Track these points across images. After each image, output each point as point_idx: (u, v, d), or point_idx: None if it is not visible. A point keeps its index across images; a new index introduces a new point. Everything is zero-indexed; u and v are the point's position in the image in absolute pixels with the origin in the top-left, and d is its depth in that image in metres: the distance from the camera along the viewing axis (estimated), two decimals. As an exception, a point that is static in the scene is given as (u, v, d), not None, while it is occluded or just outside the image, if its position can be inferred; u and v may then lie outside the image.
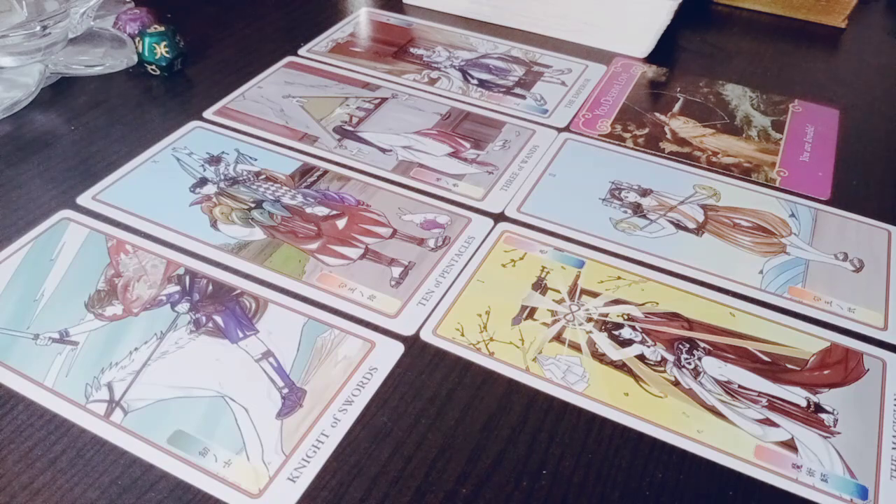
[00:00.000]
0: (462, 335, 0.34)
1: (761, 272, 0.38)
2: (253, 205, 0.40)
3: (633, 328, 0.35)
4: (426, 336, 0.34)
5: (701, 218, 0.41)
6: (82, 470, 0.28)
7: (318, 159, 0.44)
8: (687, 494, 0.28)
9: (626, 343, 0.34)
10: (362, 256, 0.38)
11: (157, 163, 0.43)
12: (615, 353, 0.34)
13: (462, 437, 0.30)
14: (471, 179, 0.43)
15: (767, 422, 0.31)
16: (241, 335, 0.34)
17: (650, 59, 0.55)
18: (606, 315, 0.35)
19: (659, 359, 0.34)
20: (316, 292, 0.36)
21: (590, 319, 0.35)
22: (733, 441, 0.30)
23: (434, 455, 0.29)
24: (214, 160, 0.44)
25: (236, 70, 0.52)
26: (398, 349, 0.33)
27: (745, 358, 0.34)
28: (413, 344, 0.34)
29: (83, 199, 0.41)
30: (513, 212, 0.41)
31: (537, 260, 0.38)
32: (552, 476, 0.29)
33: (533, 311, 0.35)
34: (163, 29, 0.49)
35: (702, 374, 0.33)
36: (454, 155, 0.45)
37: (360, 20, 0.59)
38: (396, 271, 0.37)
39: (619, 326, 0.35)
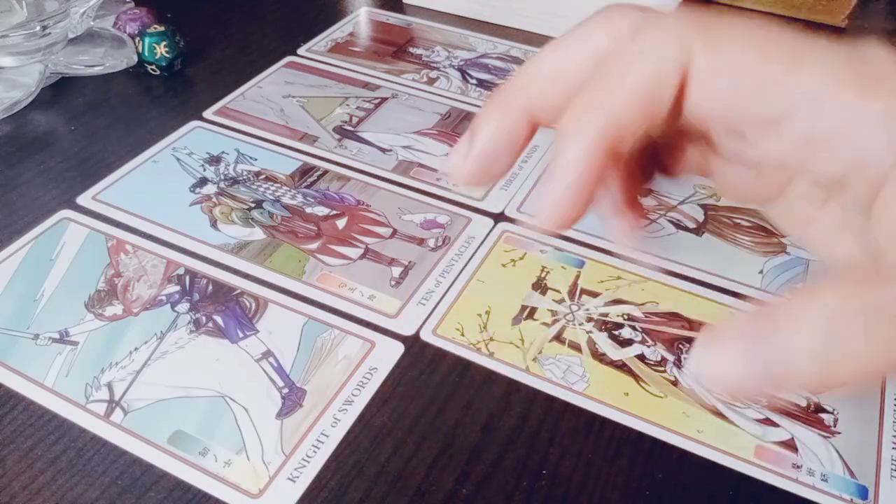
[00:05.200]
0: (462, 335, 0.34)
1: (761, 272, 0.38)
2: (253, 205, 0.40)
3: (634, 328, 0.35)
4: (426, 336, 0.34)
5: (701, 217, 0.41)
6: (82, 470, 0.28)
7: (318, 159, 0.44)
8: (687, 494, 0.28)
9: (626, 343, 0.34)
10: (362, 256, 0.38)
11: (157, 163, 0.43)
12: (615, 352, 0.34)
13: (462, 437, 0.30)
14: (471, 179, 0.43)
15: (767, 422, 0.31)
16: (241, 335, 0.34)
17: (650, 58, 0.55)
18: (606, 315, 0.35)
19: (659, 358, 0.34)
20: (316, 292, 0.36)
21: (590, 319, 0.35)
22: (733, 441, 0.30)
23: (434, 455, 0.29)
24: (214, 160, 0.44)
25: (236, 70, 0.52)
26: (398, 349, 0.33)
27: (745, 358, 0.34)
28: (413, 344, 0.34)
29: (83, 199, 0.41)
30: (513, 211, 0.41)
31: (537, 260, 0.38)
32: (552, 476, 0.29)
33: (533, 310, 0.35)
34: (163, 29, 0.49)
35: (702, 374, 0.33)
36: (454, 155, 0.45)
37: (360, 20, 0.59)
38: (396, 271, 0.37)
39: (620, 326, 0.35)
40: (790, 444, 0.30)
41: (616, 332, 0.35)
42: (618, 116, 0.19)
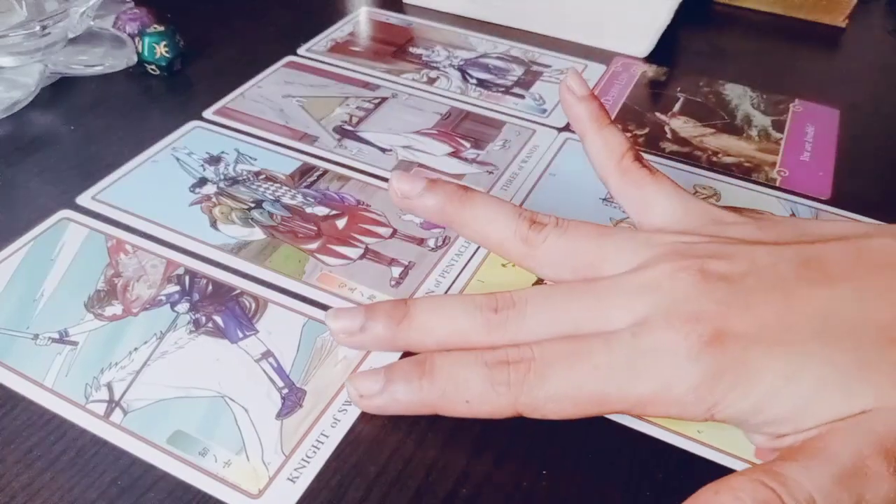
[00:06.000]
0: (462, 335, 0.34)
1: (761, 272, 0.38)
2: (253, 204, 0.40)
3: (634, 328, 0.35)
4: (426, 336, 0.34)
5: (701, 218, 0.41)
6: (82, 470, 0.28)
7: (317, 159, 0.44)
8: (687, 495, 0.28)
9: (626, 343, 0.34)
10: (362, 256, 0.38)
11: (157, 163, 0.43)
12: (615, 353, 0.34)
13: (462, 437, 0.30)
14: (471, 179, 0.43)
15: (768, 422, 0.31)
16: (240, 335, 0.34)
17: (650, 58, 0.55)
18: (606, 315, 0.35)
19: (659, 359, 0.33)
20: (316, 292, 0.36)
21: (590, 319, 0.35)
22: (734, 441, 0.30)
23: (434, 455, 0.29)
24: (214, 160, 0.43)
25: (236, 70, 0.52)
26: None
27: (745, 358, 0.34)
28: (413, 344, 0.34)
29: (83, 199, 0.41)
30: (513, 211, 0.41)
31: (537, 260, 0.38)
32: (552, 476, 0.29)
33: (533, 310, 0.35)
34: (162, 29, 0.49)
35: (702, 374, 0.33)
36: (454, 154, 0.45)
37: (360, 20, 0.59)
38: (396, 271, 0.37)
39: (620, 326, 0.35)
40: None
41: (616, 333, 0.34)
42: None
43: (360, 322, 0.31)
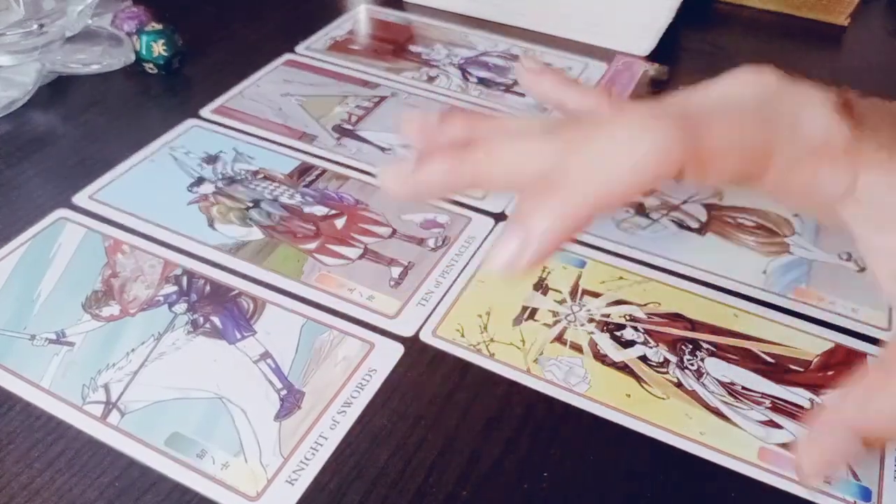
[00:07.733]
0: (462, 336, 0.34)
1: (765, 272, 0.38)
2: (251, 204, 0.40)
3: (636, 329, 0.35)
4: (426, 337, 0.34)
5: (704, 217, 0.41)
6: (80, 471, 0.28)
7: (316, 158, 0.44)
8: (689, 496, 0.28)
9: (628, 344, 0.34)
10: (361, 256, 0.37)
11: (155, 162, 0.43)
12: (617, 354, 0.33)
13: (462, 438, 0.30)
14: (471, 178, 0.43)
15: (771, 423, 0.31)
16: (238, 336, 0.33)
17: (652, 57, 0.55)
18: (608, 315, 0.35)
19: (661, 360, 0.33)
20: (314, 293, 0.35)
21: (591, 320, 0.35)
22: (736, 443, 0.30)
23: (434, 457, 0.29)
24: (212, 159, 0.43)
25: (234, 68, 0.51)
26: (398, 350, 0.33)
27: (748, 359, 0.33)
28: (413, 345, 0.33)
29: (80, 199, 0.40)
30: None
31: (538, 260, 0.38)
32: (553, 478, 0.29)
33: (534, 311, 0.35)
34: (160, 27, 0.49)
35: (704, 376, 0.33)
36: (454, 154, 0.45)
37: (359, 17, 0.59)
38: (396, 271, 0.37)
39: (622, 327, 0.35)
40: (793, 446, 0.30)
41: (618, 333, 0.34)
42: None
43: None
